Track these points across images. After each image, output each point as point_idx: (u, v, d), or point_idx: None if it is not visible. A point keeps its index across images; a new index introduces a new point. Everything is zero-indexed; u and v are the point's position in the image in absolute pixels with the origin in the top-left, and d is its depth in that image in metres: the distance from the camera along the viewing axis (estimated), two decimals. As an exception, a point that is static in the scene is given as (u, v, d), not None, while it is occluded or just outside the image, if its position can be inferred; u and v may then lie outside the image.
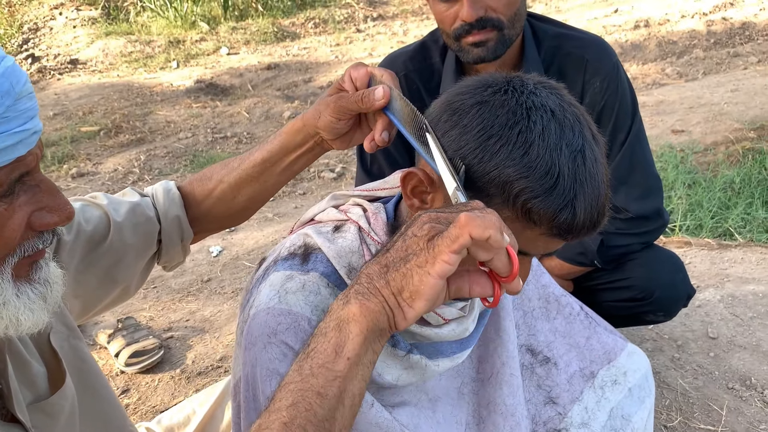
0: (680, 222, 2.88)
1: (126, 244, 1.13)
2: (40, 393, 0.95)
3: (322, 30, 6.95)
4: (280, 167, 1.16)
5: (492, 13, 1.41)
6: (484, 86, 0.88)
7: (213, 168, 1.22)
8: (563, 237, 0.87)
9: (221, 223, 1.26)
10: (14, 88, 0.70)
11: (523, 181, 0.83)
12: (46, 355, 0.98)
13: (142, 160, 3.97)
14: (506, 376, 1.19)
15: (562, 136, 0.84)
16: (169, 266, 1.26)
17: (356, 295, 0.76)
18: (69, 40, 6.77)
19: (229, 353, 2.22)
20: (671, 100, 4.50)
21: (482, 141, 0.84)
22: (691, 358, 1.95)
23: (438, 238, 0.73)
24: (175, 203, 1.19)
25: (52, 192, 0.78)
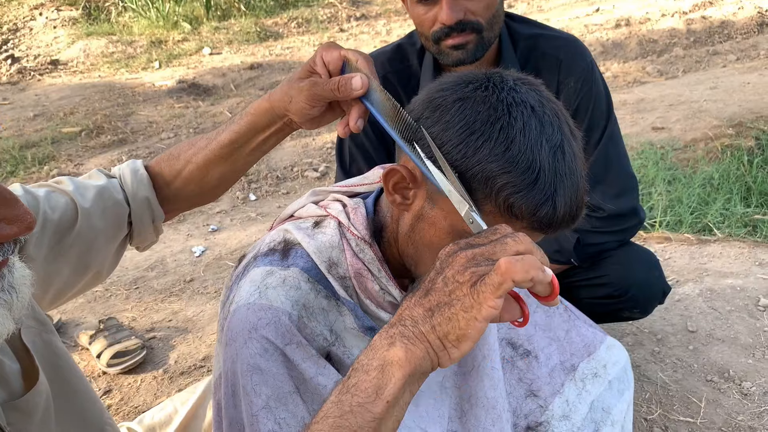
0: (660, 218, 2.91)
1: (95, 229, 1.11)
2: (14, 391, 0.93)
3: (305, 30, 6.94)
4: (249, 148, 1.14)
5: (471, 16, 1.41)
6: (464, 83, 0.89)
7: (180, 147, 1.19)
8: (544, 230, 0.89)
9: (193, 202, 1.24)
10: None
11: (506, 176, 0.84)
12: (19, 351, 0.95)
13: (124, 160, 3.94)
14: (487, 369, 1.20)
15: (542, 132, 0.85)
16: (141, 246, 1.24)
17: (401, 338, 0.77)
18: (49, 41, 6.70)
19: (212, 353, 2.21)
20: (652, 98, 4.55)
21: (465, 137, 0.85)
22: (670, 351, 1.97)
23: (481, 284, 0.73)
24: (144, 184, 1.16)
25: (10, 203, 0.73)
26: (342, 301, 1.04)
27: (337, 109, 1.06)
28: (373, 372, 0.76)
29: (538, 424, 1.27)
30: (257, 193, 3.61)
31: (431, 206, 0.91)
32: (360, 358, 0.79)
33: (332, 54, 0.99)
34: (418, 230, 0.95)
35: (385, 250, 1.05)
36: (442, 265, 0.79)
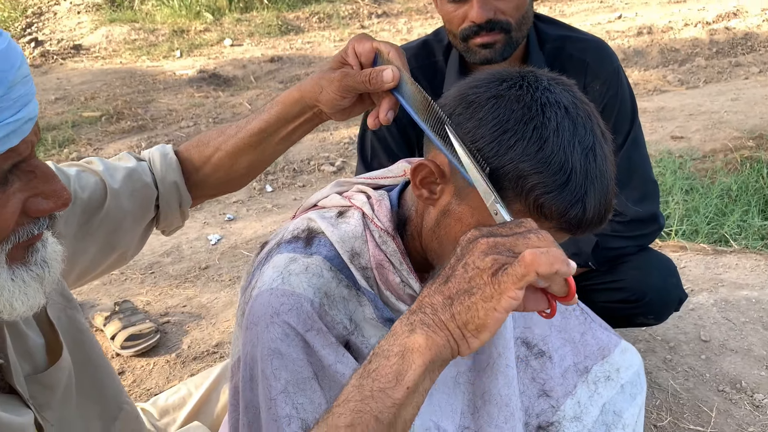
0: (676, 227, 2.90)
1: (123, 210, 1.12)
2: (38, 365, 0.95)
3: (326, 25, 6.95)
4: (278, 137, 1.14)
5: (501, 15, 1.42)
6: (499, 80, 0.90)
7: (209, 134, 1.20)
8: (572, 232, 0.89)
9: (220, 189, 1.24)
10: (7, 76, 0.67)
11: (537, 176, 0.84)
12: (43, 326, 0.98)
13: (143, 147, 3.98)
14: (502, 366, 1.20)
15: (575, 133, 0.86)
16: (168, 231, 1.25)
17: (422, 326, 0.76)
18: (73, 26, 6.76)
19: (225, 339, 2.23)
20: (671, 107, 4.53)
21: (498, 135, 0.85)
22: (682, 359, 1.97)
23: (503, 273, 0.73)
24: (173, 168, 1.17)
25: (48, 178, 0.76)
26: (362, 291, 1.05)
27: (367, 101, 1.06)
28: (394, 358, 0.76)
29: (549, 423, 1.27)
30: (274, 184, 3.63)
31: (458, 202, 0.92)
32: (381, 344, 0.79)
33: (364, 45, 0.99)
34: (443, 225, 0.95)
35: (407, 243, 1.05)
36: (463, 251, 0.78)
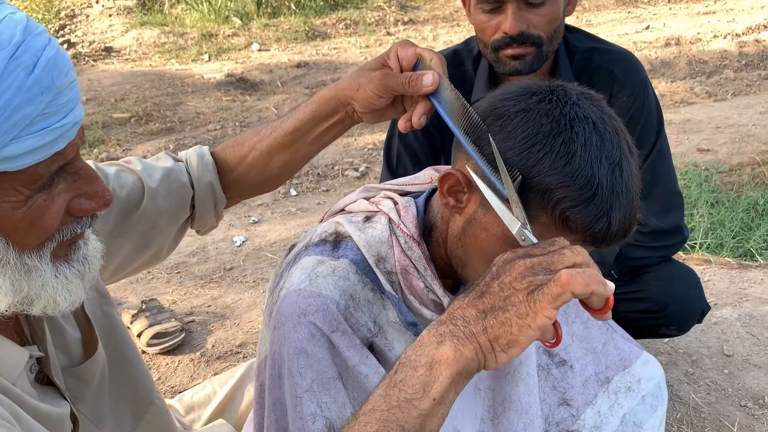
0: (701, 240, 2.88)
1: (159, 209, 1.14)
2: (74, 358, 0.98)
3: (352, 31, 7.01)
4: (311, 137, 1.15)
5: (533, 29, 1.44)
6: (528, 93, 0.91)
7: (245, 135, 1.22)
8: (596, 245, 0.90)
9: (254, 189, 1.26)
10: (55, 82, 0.69)
11: (564, 190, 0.86)
12: (80, 321, 1.01)
13: (171, 149, 4.04)
14: (523, 374, 1.21)
15: (602, 148, 0.87)
16: (202, 230, 1.28)
17: (451, 337, 0.77)
18: (104, 28, 6.90)
19: (249, 340, 2.26)
20: (698, 119, 4.49)
21: (526, 148, 0.87)
22: (705, 373, 1.96)
23: (539, 293, 0.74)
24: (209, 169, 1.19)
25: (91, 179, 0.78)
26: (387, 295, 1.07)
27: (399, 107, 1.07)
28: (421, 369, 0.77)
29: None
30: (298, 188, 3.67)
31: (485, 212, 0.93)
32: (407, 353, 0.79)
33: (407, 50, 1.00)
34: (469, 234, 0.97)
35: (432, 250, 1.07)
36: (499, 271, 0.79)
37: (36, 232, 0.75)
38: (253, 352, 2.20)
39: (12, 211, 0.72)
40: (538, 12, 1.42)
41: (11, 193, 0.71)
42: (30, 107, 0.67)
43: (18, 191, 0.71)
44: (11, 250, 0.74)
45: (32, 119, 0.67)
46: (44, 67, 0.68)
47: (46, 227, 0.75)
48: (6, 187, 0.70)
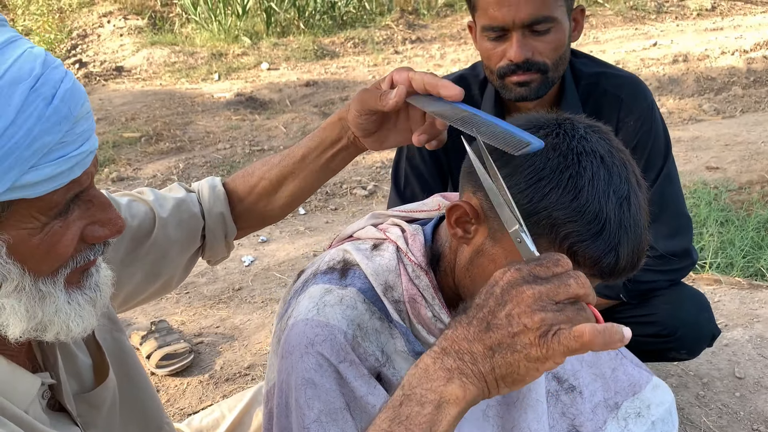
0: (711, 259, 2.86)
1: (170, 239, 1.16)
2: (86, 385, 0.99)
3: (360, 50, 7.06)
4: (318, 164, 1.17)
5: (538, 56, 1.44)
6: (536, 127, 0.91)
7: (255, 165, 1.24)
8: (604, 278, 0.91)
9: (264, 219, 1.27)
10: (72, 112, 0.71)
11: (572, 224, 0.86)
12: (91, 347, 1.02)
13: (181, 168, 4.08)
14: (532, 401, 1.21)
15: (610, 182, 0.87)
16: (213, 261, 1.29)
17: (460, 376, 0.75)
18: (115, 48, 6.98)
19: (257, 361, 2.27)
20: (707, 137, 4.48)
21: (533, 182, 0.87)
22: (716, 396, 1.94)
23: (554, 340, 0.71)
24: (220, 200, 1.21)
25: (104, 207, 0.81)
26: (395, 324, 1.07)
27: (403, 130, 1.08)
28: (429, 406, 0.75)
29: (578, 459, 1.27)
30: (306, 207, 3.69)
31: (492, 244, 0.94)
32: (412, 383, 0.77)
33: (401, 74, 1.01)
34: (477, 264, 0.97)
35: (440, 279, 1.07)
36: (504, 297, 0.75)
37: (51, 258, 0.77)
38: (261, 374, 2.21)
39: (29, 237, 0.74)
40: (543, 39, 1.43)
41: (29, 220, 0.73)
42: (49, 136, 0.69)
43: (35, 218, 0.74)
44: (27, 277, 0.76)
45: (50, 148, 0.70)
46: (62, 98, 0.70)
47: (61, 254, 0.77)
48: (24, 214, 0.73)
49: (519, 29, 1.41)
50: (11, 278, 0.75)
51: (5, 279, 0.75)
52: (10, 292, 0.76)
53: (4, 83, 0.67)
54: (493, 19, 1.43)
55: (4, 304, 0.76)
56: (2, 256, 0.73)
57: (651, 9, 8.41)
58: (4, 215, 0.72)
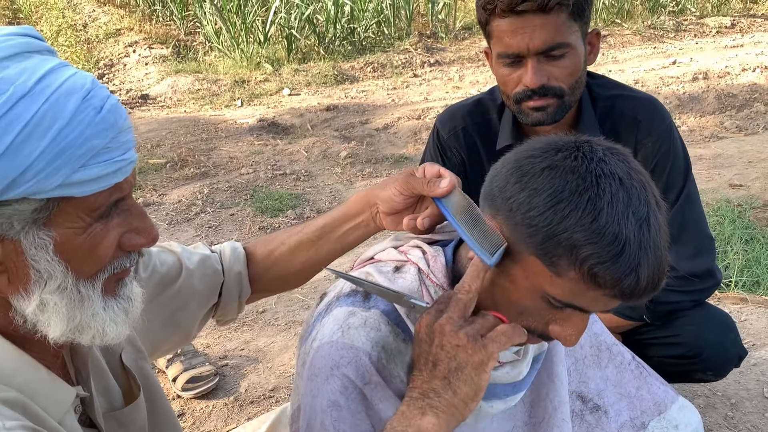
0: (736, 278, 2.83)
1: (194, 290, 1.22)
2: (115, 404, 1.03)
3: (380, 74, 7.14)
4: (336, 235, 1.23)
5: (554, 81, 1.45)
6: (554, 150, 0.92)
7: (279, 231, 1.32)
8: (624, 299, 0.91)
9: (276, 285, 1.34)
10: (117, 122, 0.80)
11: (591, 246, 0.87)
12: (117, 373, 1.06)
13: (205, 193, 4.14)
14: (558, 420, 1.21)
15: (629, 204, 0.88)
16: (222, 321, 1.34)
17: (431, 409, 0.90)
18: (141, 76, 7.14)
19: (281, 383, 2.28)
20: (729, 154, 4.45)
21: (552, 205, 0.88)
22: (745, 417, 1.91)
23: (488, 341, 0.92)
24: (239, 260, 1.28)
25: (142, 216, 0.87)
26: (418, 345, 1.08)
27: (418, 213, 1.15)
28: None
29: (605, 480, 1.27)
30: (328, 230, 3.71)
31: (512, 264, 0.95)
32: (393, 425, 0.90)
33: (432, 168, 1.10)
34: (497, 285, 0.98)
35: (462, 299, 1.09)
36: (429, 337, 0.93)
37: (92, 260, 0.83)
38: (285, 396, 2.22)
39: (74, 237, 0.80)
40: (558, 64, 1.44)
41: (75, 220, 0.80)
42: (97, 140, 0.78)
43: (80, 218, 0.80)
44: (69, 277, 0.82)
45: (98, 150, 0.78)
46: (109, 110, 0.79)
47: (101, 256, 0.83)
48: (71, 212, 0.79)
49: (534, 56, 1.43)
50: (56, 276, 0.80)
51: (50, 276, 0.80)
52: (54, 290, 0.81)
53: (61, 92, 0.76)
54: (508, 47, 1.45)
55: (48, 300, 0.81)
56: (49, 253, 0.79)
57: (669, 27, 8.40)
58: (54, 212, 0.78)
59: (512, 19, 1.42)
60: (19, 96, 0.74)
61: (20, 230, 0.77)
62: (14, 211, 0.76)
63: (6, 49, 0.76)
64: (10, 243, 0.78)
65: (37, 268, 0.79)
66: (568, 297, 0.91)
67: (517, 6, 1.40)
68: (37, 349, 0.87)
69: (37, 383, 0.84)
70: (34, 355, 0.86)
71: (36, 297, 0.80)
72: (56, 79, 0.77)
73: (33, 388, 0.83)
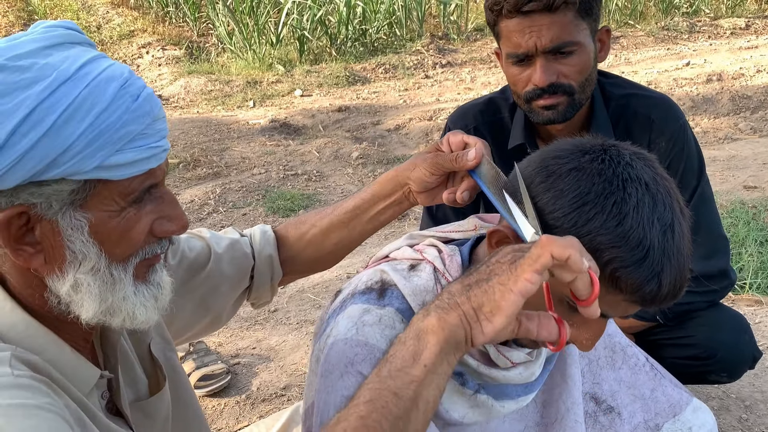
0: (751, 280, 2.81)
1: (223, 274, 1.23)
2: (141, 394, 1.04)
3: (391, 75, 7.15)
4: (368, 215, 1.24)
5: (564, 79, 1.45)
6: (581, 152, 0.93)
7: (309, 214, 1.32)
8: (644, 305, 0.91)
9: (310, 267, 1.34)
10: (153, 110, 0.84)
11: (615, 250, 0.87)
12: (145, 362, 1.07)
13: (218, 193, 4.16)
14: (570, 422, 1.21)
15: (654, 209, 0.88)
16: (257, 303, 1.35)
17: (436, 309, 0.81)
18: (154, 77, 7.19)
19: (293, 382, 2.29)
20: (744, 156, 4.42)
21: (577, 206, 0.88)
22: (759, 420, 1.90)
23: (520, 259, 0.78)
24: (270, 243, 1.29)
25: (173, 204, 0.90)
26: (432, 343, 1.08)
27: (451, 187, 1.17)
28: (410, 341, 0.81)
29: (618, 481, 1.26)
30: (340, 231, 3.72)
31: None
32: (398, 335, 0.84)
33: (456, 137, 1.12)
34: None
35: (477, 298, 1.09)
36: (488, 258, 0.83)
37: (124, 243, 0.85)
38: (297, 394, 2.23)
39: (108, 219, 0.83)
40: (567, 62, 1.44)
41: (109, 203, 0.83)
42: (133, 126, 0.81)
43: (115, 201, 0.83)
44: (103, 259, 0.84)
45: (134, 136, 0.81)
46: (145, 98, 0.83)
47: (133, 240, 0.85)
48: (106, 196, 0.82)
49: (542, 55, 1.43)
50: (90, 257, 0.83)
51: (85, 257, 0.83)
52: (88, 271, 0.84)
53: (100, 79, 0.80)
54: (517, 47, 1.45)
55: (82, 281, 0.83)
56: (84, 234, 0.82)
57: (683, 29, 8.36)
58: (90, 194, 0.81)
59: (519, 20, 1.43)
60: (62, 81, 0.77)
61: (58, 211, 0.80)
62: (53, 191, 0.79)
63: (51, 39, 0.80)
64: (48, 223, 0.81)
65: (73, 248, 0.82)
66: None
67: (523, 6, 1.40)
68: (69, 330, 0.89)
69: (63, 360, 0.86)
70: (63, 337, 0.88)
71: (70, 277, 0.83)
72: (96, 67, 0.81)
73: (59, 365, 0.85)
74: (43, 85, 0.76)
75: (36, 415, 0.73)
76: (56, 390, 0.81)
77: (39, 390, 0.77)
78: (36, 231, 0.81)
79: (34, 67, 0.77)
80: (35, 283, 0.85)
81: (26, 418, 0.72)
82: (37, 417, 0.73)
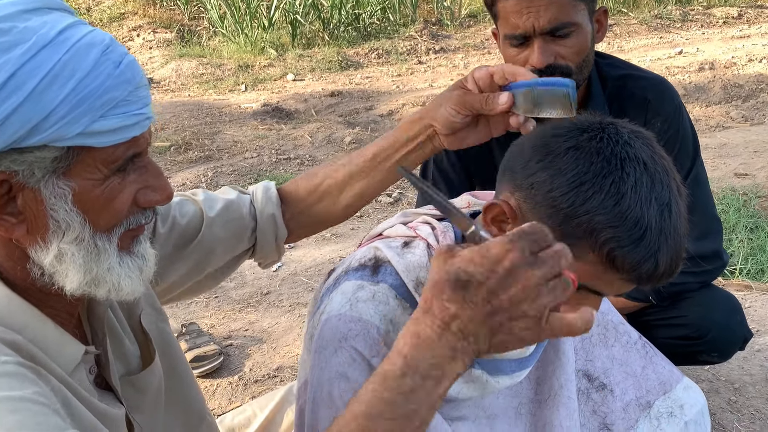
0: (741, 265, 2.83)
1: (216, 237, 1.20)
2: (131, 368, 1.03)
3: (384, 60, 7.11)
4: (390, 162, 1.17)
5: (561, 60, 1.44)
6: (579, 131, 0.92)
7: (319, 167, 1.26)
8: (641, 284, 0.91)
9: (321, 222, 1.28)
10: (135, 77, 0.82)
11: (612, 230, 0.86)
12: (137, 335, 1.06)
13: (209, 176, 4.14)
14: (564, 398, 1.21)
15: (652, 189, 0.88)
16: (263, 263, 1.32)
17: (463, 356, 0.73)
18: (145, 60, 7.12)
19: (285, 363, 2.29)
20: (735, 144, 4.44)
21: (575, 186, 0.88)
22: (748, 402, 1.92)
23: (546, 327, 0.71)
24: (272, 202, 1.24)
25: (157, 174, 0.88)
26: (426, 319, 1.08)
27: (483, 130, 1.12)
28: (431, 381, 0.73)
29: (609, 458, 1.27)
30: (332, 215, 3.72)
31: None
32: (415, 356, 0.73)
33: (481, 72, 1.07)
34: None
35: (471, 275, 1.09)
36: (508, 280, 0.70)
37: (108, 213, 0.83)
38: (289, 376, 2.23)
39: (92, 188, 0.81)
40: (565, 43, 1.43)
41: (93, 171, 0.81)
42: (116, 92, 0.79)
43: (98, 169, 0.81)
44: (87, 228, 0.83)
45: (117, 102, 0.79)
46: (127, 65, 0.81)
47: (117, 210, 0.84)
48: (90, 163, 0.80)
49: (540, 36, 1.42)
50: (73, 227, 0.81)
51: (68, 227, 0.81)
52: (71, 241, 0.82)
53: (81, 44, 0.78)
54: (515, 28, 1.44)
55: (66, 251, 0.82)
56: (68, 203, 0.80)
57: (676, 17, 8.36)
58: (73, 162, 0.79)
59: (517, 0, 1.41)
60: (42, 45, 0.76)
61: (41, 178, 0.79)
62: (35, 159, 0.77)
63: (29, 3, 0.78)
64: (30, 191, 0.79)
65: (56, 218, 0.81)
66: (584, 279, 0.91)
67: None
68: (52, 304, 0.87)
69: (46, 337, 0.85)
70: (46, 311, 0.86)
71: (54, 247, 0.81)
72: (77, 32, 0.79)
73: (42, 343, 0.83)
74: (23, 49, 0.74)
75: (21, 409, 0.71)
76: (42, 374, 0.79)
77: (25, 377, 0.75)
78: (18, 200, 0.80)
79: (13, 30, 0.75)
80: (17, 254, 0.84)
81: (11, 413, 0.71)
82: (22, 411, 0.71)
